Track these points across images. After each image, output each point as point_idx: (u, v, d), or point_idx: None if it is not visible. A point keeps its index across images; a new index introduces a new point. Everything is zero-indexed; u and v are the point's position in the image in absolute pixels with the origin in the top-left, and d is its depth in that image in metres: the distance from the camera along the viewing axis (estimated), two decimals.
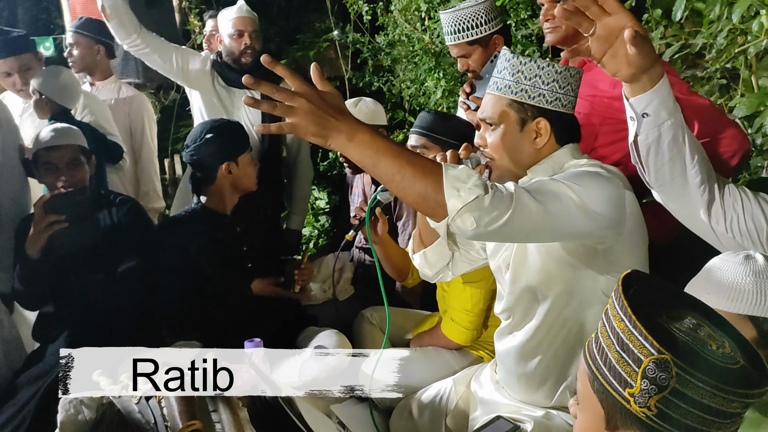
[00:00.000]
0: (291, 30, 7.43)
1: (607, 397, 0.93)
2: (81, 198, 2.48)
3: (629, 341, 0.90)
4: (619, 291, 0.94)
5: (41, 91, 2.99)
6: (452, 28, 2.53)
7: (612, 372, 0.92)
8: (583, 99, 2.05)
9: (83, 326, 2.46)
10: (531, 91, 1.55)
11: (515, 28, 3.93)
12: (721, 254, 1.26)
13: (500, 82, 1.59)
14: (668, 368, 0.86)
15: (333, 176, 4.93)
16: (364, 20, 5.26)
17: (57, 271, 2.49)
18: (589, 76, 2.08)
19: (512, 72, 1.56)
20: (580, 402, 1.02)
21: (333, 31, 5.95)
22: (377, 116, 2.88)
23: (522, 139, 1.59)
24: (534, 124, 1.57)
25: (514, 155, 1.60)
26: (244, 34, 3.12)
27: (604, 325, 0.96)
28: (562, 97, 1.57)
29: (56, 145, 2.50)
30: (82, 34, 3.42)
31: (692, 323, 0.94)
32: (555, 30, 2.10)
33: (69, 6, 4.72)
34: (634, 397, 0.89)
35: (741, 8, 2.29)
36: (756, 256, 1.21)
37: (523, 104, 1.57)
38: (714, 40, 2.71)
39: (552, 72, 1.54)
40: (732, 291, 1.17)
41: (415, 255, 1.87)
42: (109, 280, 2.51)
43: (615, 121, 2.04)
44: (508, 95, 1.57)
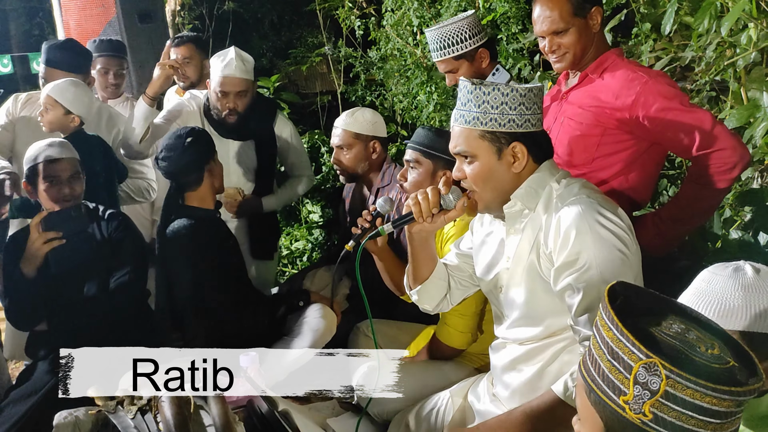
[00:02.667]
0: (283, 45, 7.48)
1: (604, 408, 0.94)
2: (76, 214, 2.48)
3: (618, 349, 0.91)
4: (605, 301, 0.95)
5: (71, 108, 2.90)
6: (438, 45, 2.56)
7: (606, 381, 0.93)
8: (584, 110, 2.09)
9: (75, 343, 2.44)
10: (500, 119, 1.54)
11: (506, 42, 3.97)
12: (711, 267, 1.26)
13: (467, 114, 1.57)
14: (657, 371, 0.87)
15: (326, 189, 4.93)
16: (357, 35, 5.30)
17: (49, 289, 2.48)
18: (590, 88, 2.11)
19: (477, 103, 1.55)
20: (580, 416, 1.03)
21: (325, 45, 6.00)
22: (377, 127, 2.89)
23: (500, 167, 1.58)
24: (510, 150, 1.57)
25: (496, 184, 1.60)
26: (229, 95, 2.92)
27: (595, 337, 0.97)
28: (531, 117, 1.56)
29: (60, 157, 2.50)
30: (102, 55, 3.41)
31: (680, 328, 0.95)
32: (563, 57, 2.12)
33: (63, 22, 4.72)
34: (629, 404, 0.90)
35: (729, 21, 2.32)
36: (745, 267, 1.21)
37: (495, 133, 1.55)
38: (703, 53, 2.74)
39: (517, 96, 1.53)
40: (721, 308, 1.17)
41: (412, 292, 1.88)
42: (100, 295, 2.50)
43: (616, 132, 2.06)
44: (478, 127, 1.56)
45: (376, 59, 5.14)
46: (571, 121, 2.13)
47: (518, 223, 1.64)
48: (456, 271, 1.90)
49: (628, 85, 2.01)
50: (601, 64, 2.10)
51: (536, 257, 1.59)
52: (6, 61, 6.03)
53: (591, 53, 2.12)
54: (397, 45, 4.81)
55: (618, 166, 2.08)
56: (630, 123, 2.01)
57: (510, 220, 1.65)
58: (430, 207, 1.62)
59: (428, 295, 1.86)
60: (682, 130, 1.96)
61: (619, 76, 2.05)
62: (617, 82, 2.04)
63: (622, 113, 2.02)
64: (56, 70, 3.10)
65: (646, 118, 1.98)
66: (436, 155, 2.27)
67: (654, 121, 1.98)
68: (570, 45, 2.08)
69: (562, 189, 1.59)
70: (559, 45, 2.09)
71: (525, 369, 1.69)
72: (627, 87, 2.01)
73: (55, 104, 2.91)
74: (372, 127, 2.87)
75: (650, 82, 1.99)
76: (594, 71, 2.11)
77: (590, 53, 2.12)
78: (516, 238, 1.64)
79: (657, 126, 1.98)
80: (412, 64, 4.66)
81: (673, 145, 2.05)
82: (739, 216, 2.53)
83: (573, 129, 2.12)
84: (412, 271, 1.85)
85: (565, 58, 2.11)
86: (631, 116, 2.00)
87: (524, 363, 1.69)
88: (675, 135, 1.98)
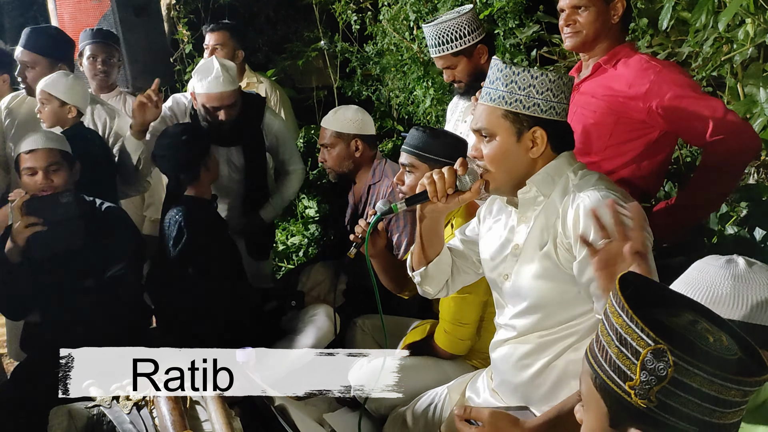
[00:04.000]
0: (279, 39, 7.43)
1: (609, 394, 0.95)
2: (65, 201, 2.43)
3: (627, 335, 0.92)
4: (616, 290, 0.96)
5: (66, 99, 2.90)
6: (436, 41, 2.55)
7: (612, 367, 0.94)
8: (597, 99, 2.12)
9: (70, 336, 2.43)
10: (525, 101, 1.54)
11: (503, 37, 3.96)
12: (705, 257, 1.27)
13: (493, 92, 1.57)
14: (666, 358, 0.88)
15: (323, 185, 4.92)
16: (353, 29, 5.28)
17: (38, 278, 2.45)
18: (603, 78, 2.14)
19: (505, 82, 1.55)
20: (585, 403, 1.03)
21: (321, 40, 5.97)
22: (359, 125, 2.87)
23: (518, 149, 1.57)
24: (530, 134, 1.56)
25: (511, 166, 1.59)
26: (220, 109, 2.90)
27: (603, 324, 0.98)
28: (557, 105, 1.56)
29: (34, 148, 2.48)
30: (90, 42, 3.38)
31: (689, 319, 0.96)
32: (576, 35, 2.14)
33: (57, 15, 4.70)
34: (635, 390, 0.91)
35: (727, 17, 2.32)
36: (738, 260, 1.22)
37: (518, 114, 1.55)
38: (700, 49, 2.74)
39: (546, 81, 1.53)
40: (710, 296, 1.18)
41: (415, 273, 1.86)
42: (95, 288, 2.49)
43: (629, 121, 2.08)
44: (502, 106, 1.56)
45: (372, 54, 5.12)
46: (584, 110, 2.15)
47: (531, 211, 1.63)
48: (459, 257, 1.88)
49: (641, 74, 2.05)
50: (614, 55, 2.13)
51: (553, 246, 1.58)
52: None
53: (605, 43, 2.15)
54: (393, 40, 4.80)
55: (630, 154, 2.11)
56: (643, 111, 2.04)
57: (522, 208, 1.64)
58: (445, 187, 1.61)
59: (431, 277, 1.84)
60: (696, 118, 1.99)
61: (633, 65, 2.08)
62: (631, 71, 2.08)
63: (635, 102, 2.05)
64: (34, 54, 3.08)
65: (659, 106, 2.01)
66: (432, 159, 2.24)
67: (668, 110, 2.01)
68: (585, 24, 2.12)
69: (579, 180, 1.59)
70: (575, 21, 2.13)
71: (529, 365, 1.69)
72: (641, 76, 2.04)
73: (49, 98, 2.91)
74: (353, 125, 2.86)
75: (664, 71, 2.03)
76: (607, 62, 2.14)
77: (604, 43, 2.15)
78: (527, 226, 1.64)
79: (671, 114, 2.01)
80: (409, 59, 4.64)
81: (686, 133, 2.09)
82: (735, 212, 2.53)
83: (586, 118, 2.13)
84: (417, 251, 1.83)
85: (576, 36, 2.14)
86: (644, 105, 2.03)
87: (528, 359, 1.69)
88: (688, 122, 2.01)
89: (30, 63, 3.11)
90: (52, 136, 2.57)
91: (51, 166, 2.48)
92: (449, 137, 2.35)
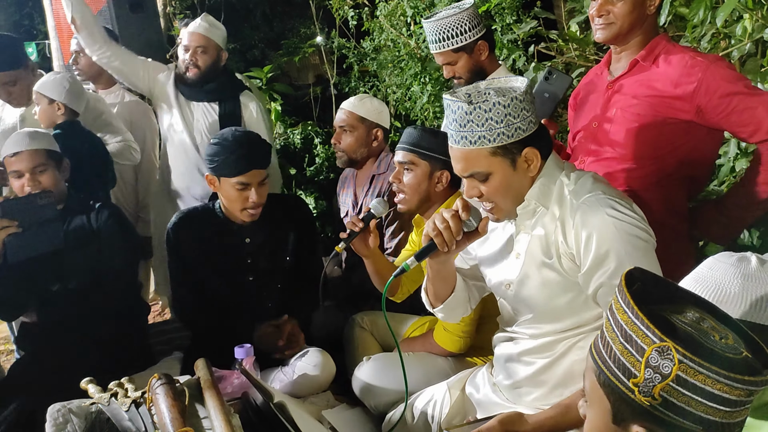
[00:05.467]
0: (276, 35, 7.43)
1: (612, 390, 0.94)
2: (44, 202, 2.38)
3: (632, 332, 0.91)
4: (622, 286, 0.95)
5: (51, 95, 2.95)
6: (437, 37, 2.52)
7: (617, 364, 0.93)
8: (640, 100, 1.98)
9: (66, 337, 2.42)
10: (507, 131, 1.49)
11: (501, 33, 3.95)
12: (717, 254, 1.25)
13: (470, 135, 1.50)
14: (671, 356, 0.87)
15: (319, 181, 4.92)
16: (350, 25, 5.27)
17: (30, 277, 2.43)
18: (643, 76, 1.99)
19: (480, 122, 1.48)
20: (588, 399, 1.03)
21: (318, 36, 5.96)
22: (381, 116, 2.90)
23: (517, 176, 1.55)
24: (523, 158, 1.53)
25: (516, 193, 1.57)
26: (190, 49, 3.12)
27: (608, 320, 0.97)
28: (532, 117, 1.52)
29: (18, 150, 2.43)
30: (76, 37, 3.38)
31: (695, 316, 0.95)
32: (609, 26, 1.97)
33: (53, 12, 4.67)
34: (639, 387, 0.90)
35: (725, 12, 2.31)
36: (751, 258, 1.20)
37: (506, 146, 1.51)
38: (698, 44, 2.73)
39: (517, 103, 1.48)
40: (718, 293, 1.16)
41: (435, 310, 1.83)
42: (91, 287, 2.47)
43: (677, 122, 1.94)
44: (487, 146, 1.50)
45: (369, 50, 5.12)
46: (625, 113, 2.00)
47: (529, 221, 1.61)
48: (468, 275, 1.86)
49: (688, 72, 1.90)
50: (652, 51, 1.98)
51: (556, 256, 1.56)
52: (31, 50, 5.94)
53: (639, 36, 1.99)
54: (390, 36, 4.79)
55: (679, 155, 1.98)
56: (691, 111, 1.92)
57: (522, 218, 1.62)
58: (453, 236, 1.56)
59: (452, 310, 1.82)
60: (748, 114, 1.87)
61: (677, 62, 1.94)
62: (675, 69, 1.93)
63: (683, 102, 1.92)
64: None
65: (709, 104, 1.89)
66: (433, 156, 2.21)
67: (718, 108, 1.88)
68: (620, 15, 1.94)
69: (573, 184, 1.56)
70: (608, 11, 1.95)
71: (533, 361, 1.68)
72: (687, 74, 1.90)
73: (40, 97, 2.95)
74: (377, 115, 2.88)
75: (711, 67, 1.89)
76: (645, 58, 1.98)
77: (638, 36, 1.99)
78: (527, 236, 1.62)
79: (721, 112, 1.89)
80: (406, 54, 4.64)
81: (738, 130, 1.94)
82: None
83: (629, 121, 2.00)
84: (433, 291, 1.79)
85: (609, 28, 1.97)
86: (693, 104, 1.90)
87: (533, 356, 1.68)
88: (740, 119, 1.88)
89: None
90: (36, 136, 2.51)
91: (37, 168, 2.43)
92: (446, 136, 2.33)
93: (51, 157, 2.48)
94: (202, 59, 3.12)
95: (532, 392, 1.70)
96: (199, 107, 3.21)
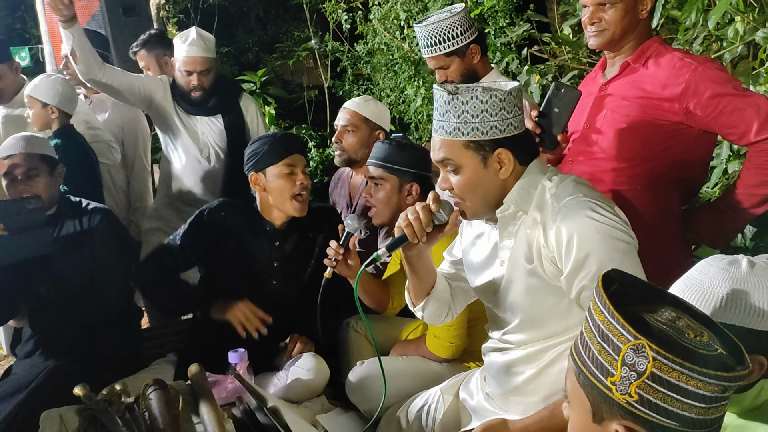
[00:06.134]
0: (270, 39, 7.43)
1: (592, 389, 0.96)
2: (32, 206, 2.37)
3: (609, 331, 0.93)
4: (599, 287, 0.97)
5: (44, 99, 2.94)
6: (428, 41, 2.52)
7: (595, 363, 0.95)
8: (629, 101, 1.98)
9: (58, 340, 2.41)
10: (482, 127, 1.49)
11: (494, 36, 3.97)
12: (710, 257, 1.25)
13: (447, 125, 1.52)
14: (645, 353, 0.89)
15: (314, 184, 4.92)
16: (344, 29, 5.28)
17: (16, 282, 2.41)
18: (633, 78, 1.99)
19: (456, 114, 1.50)
20: (570, 400, 1.04)
21: (312, 39, 5.96)
22: (383, 119, 2.91)
23: (487, 175, 1.54)
24: (495, 157, 1.52)
25: (484, 193, 1.56)
26: (193, 74, 3.06)
27: (587, 321, 0.99)
28: (513, 120, 1.52)
29: (11, 153, 2.43)
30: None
31: (671, 315, 0.97)
32: (601, 33, 1.98)
33: (45, 16, 4.67)
34: (616, 385, 0.92)
35: (717, 15, 2.33)
36: (741, 261, 1.20)
37: (479, 142, 1.51)
38: (690, 47, 2.75)
39: (496, 101, 1.48)
40: (706, 298, 1.16)
41: (416, 308, 1.84)
42: (83, 291, 2.45)
43: (665, 123, 1.94)
44: (460, 137, 1.51)
45: (363, 53, 5.12)
46: (615, 114, 2.01)
47: (511, 226, 1.60)
48: (454, 279, 1.86)
49: (676, 74, 1.90)
50: (643, 53, 1.98)
51: (538, 260, 1.55)
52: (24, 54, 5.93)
53: (632, 40, 2.00)
54: (384, 39, 4.80)
55: (669, 157, 1.98)
56: (680, 113, 1.92)
57: (503, 224, 1.61)
58: (423, 227, 1.57)
59: (433, 310, 1.82)
60: (738, 116, 1.86)
61: (665, 64, 1.94)
62: (664, 71, 1.93)
63: (671, 103, 1.92)
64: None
65: (698, 106, 1.88)
66: (400, 170, 2.27)
67: (706, 109, 1.88)
68: (612, 22, 1.95)
69: (555, 188, 1.55)
70: (600, 18, 1.96)
71: (522, 371, 1.67)
72: (675, 75, 1.90)
73: (33, 101, 2.94)
74: (379, 117, 2.89)
75: (700, 68, 1.88)
76: (636, 60, 1.99)
77: (631, 40, 1.99)
78: (510, 241, 1.61)
79: (710, 114, 1.88)
80: (400, 58, 4.65)
81: (728, 132, 1.93)
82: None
83: (618, 122, 2.00)
84: (413, 288, 1.80)
85: (602, 35, 1.98)
86: (681, 106, 1.90)
87: (522, 365, 1.67)
88: (729, 121, 1.87)
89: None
90: (30, 140, 2.50)
91: (30, 171, 2.43)
92: (415, 149, 2.37)
93: (45, 162, 2.48)
94: (206, 80, 3.07)
95: (522, 402, 1.69)
96: (203, 122, 3.17)
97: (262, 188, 2.37)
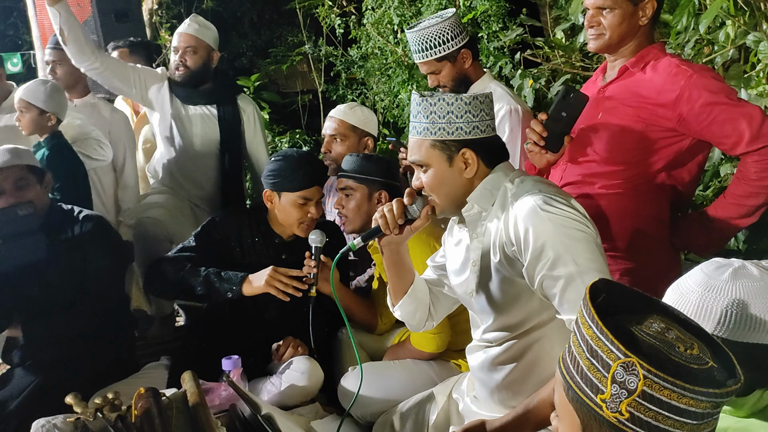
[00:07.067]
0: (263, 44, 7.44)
1: (581, 406, 0.94)
2: (24, 213, 2.35)
3: (598, 347, 0.91)
4: (587, 299, 0.95)
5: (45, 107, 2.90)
6: (420, 47, 2.54)
7: (584, 379, 0.93)
8: (625, 105, 1.99)
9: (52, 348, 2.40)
10: (448, 128, 1.60)
11: (487, 41, 3.97)
12: (707, 261, 1.23)
13: (418, 126, 1.64)
14: (636, 371, 0.87)
15: None
16: (337, 34, 5.28)
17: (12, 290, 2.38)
18: (630, 82, 2.00)
19: (426, 114, 1.61)
20: (558, 413, 1.02)
21: (306, 44, 5.97)
22: (371, 125, 2.92)
23: (453, 173, 1.63)
24: (460, 157, 1.62)
25: (449, 190, 1.65)
26: (179, 50, 3.12)
27: (574, 334, 0.97)
28: (479, 124, 1.61)
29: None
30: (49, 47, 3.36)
31: (660, 327, 0.94)
32: (599, 37, 1.99)
33: (37, 22, 4.65)
34: (606, 403, 0.90)
35: (708, 19, 2.33)
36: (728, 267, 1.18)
37: (445, 141, 1.61)
38: (681, 51, 2.76)
39: (462, 104, 1.59)
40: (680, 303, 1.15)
41: (395, 308, 1.89)
42: (76, 299, 2.44)
43: (659, 129, 1.95)
44: (428, 137, 1.62)
45: (356, 58, 5.13)
46: (610, 116, 2.02)
47: (479, 227, 1.67)
48: (436, 285, 1.91)
49: (671, 80, 1.91)
50: (642, 58, 1.99)
51: (504, 257, 1.61)
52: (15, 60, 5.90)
53: (632, 45, 2.00)
54: (377, 43, 4.80)
55: (661, 163, 1.98)
56: (673, 119, 1.92)
57: (471, 225, 1.68)
58: (395, 218, 1.66)
59: (409, 310, 1.86)
60: (730, 126, 1.86)
61: (662, 70, 1.94)
62: (660, 77, 1.94)
63: (665, 109, 1.92)
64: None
65: (690, 113, 1.88)
66: (368, 179, 2.35)
67: (699, 117, 1.88)
68: (609, 26, 1.96)
69: (516, 188, 1.62)
70: (598, 22, 1.97)
71: (503, 367, 1.71)
72: (670, 82, 1.91)
73: (28, 106, 2.89)
74: (367, 123, 2.90)
75: (695, 76, 1.88)
76: (635, 65, 1.99)
77: (631, 45, 2.00)
78: (478, 242, 1.68)
79: (702, 122, 1.88)
80: (393, 62, 4.65)
81: (719, 141, 1.93)
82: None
83: (612, 125, 2.01)
84: (391, 286, 1.86)
85: (600, 39, 2.00)
86: (674, 113, 1.91)
87: (503, 361, 1.71)
88: (722, 130, 1.87)
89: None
90: (16, 152, 2.46)
91: (18, 182, 2.40)
92: (382, 160, 2.45)
93: (33, 173, 2.46)
94: (191, 59, 3.11)
95: (507, 401, 1.71)
96: (198, 113, 3.20)
97: (273, 206, 2.41)
